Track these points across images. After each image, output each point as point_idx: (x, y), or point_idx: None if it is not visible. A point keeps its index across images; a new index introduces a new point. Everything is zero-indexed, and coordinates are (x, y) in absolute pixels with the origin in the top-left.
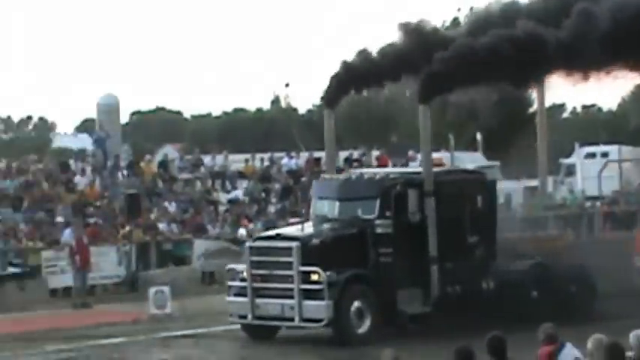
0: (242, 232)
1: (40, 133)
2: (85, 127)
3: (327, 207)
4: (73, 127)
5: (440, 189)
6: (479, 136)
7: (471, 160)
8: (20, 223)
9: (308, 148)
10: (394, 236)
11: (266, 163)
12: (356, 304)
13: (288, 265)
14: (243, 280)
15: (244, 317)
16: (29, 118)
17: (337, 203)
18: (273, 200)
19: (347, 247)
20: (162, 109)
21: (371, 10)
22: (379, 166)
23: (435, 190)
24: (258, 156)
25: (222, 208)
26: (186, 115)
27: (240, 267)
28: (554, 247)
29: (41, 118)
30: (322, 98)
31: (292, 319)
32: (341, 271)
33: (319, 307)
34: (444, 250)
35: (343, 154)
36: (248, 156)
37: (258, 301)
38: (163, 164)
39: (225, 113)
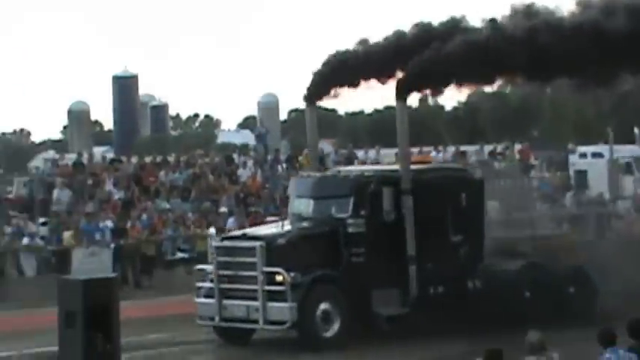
0: (212, 230)
1: (205, 130)
2: (247, 123)
3: (303, 205)
4: (236, 123)
5: (419, 187)
6: (636, 130)
7: (630, 153)
8: (188, 212)
9: (454, 142)
10: (367, 236)
11: None
12: (323, 306)
13: (253, 266)
14: (212, 281)
15: (213, 319)
16: (196, 115)
17: (312, 201)
18: None
19: (316, 247)
20: (319, 107)
21: None
22: (522, 159)
23: (414, 188)
24: None
25: None
26: (340, 112)
27: (209, 267)
28: (555, 246)
29: (207, 116)
30: (304, 96)
31: (257, 322)
32: (307, 272)
33: (283, 310)
34: (424, 249)
35: (488, 148)
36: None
37: (226, 302)
38: (319, 158)
39: (377, 111)
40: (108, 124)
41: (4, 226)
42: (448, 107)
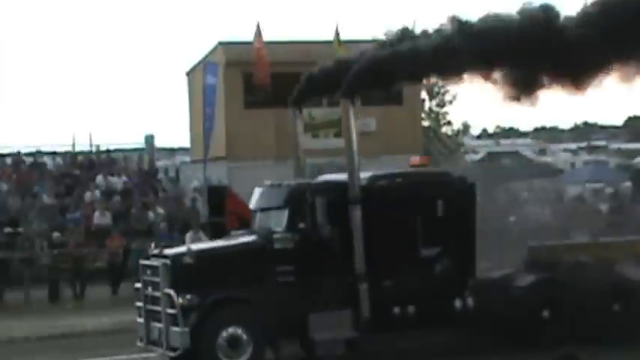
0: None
1: None
2: None
3: (255, 218)
4: None
5: (375, 196)
6: None
7: None
8: None
9: None
10: (299, 252)
11: None
12: (230, 330)
13: (158, 286)
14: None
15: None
16: None
17: (258, 214)
18: None
19: (232, 266)
20: None
21: None
22: None
23: (370, 197)
24: None
25: None
26: None
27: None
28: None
29: None
30: (291, 100)
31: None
32: (210, 294)
33: (175, 334)
34: (380, 265)
35: None
36: None
37: (153, 324)
38: None
39: None
40: None
41: None
42: None
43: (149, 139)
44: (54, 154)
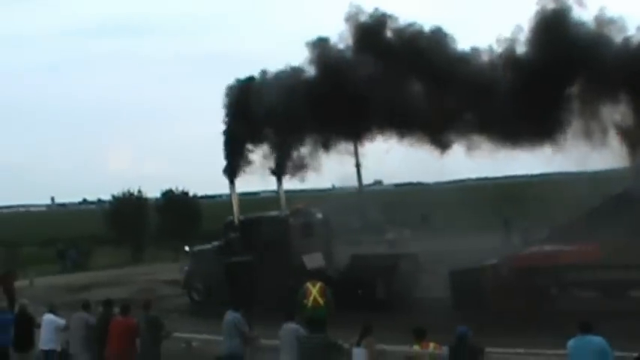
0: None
1: None
2: None
3: None
4: None
5: (250, 229)
6: None
7: None
8: None
9: None
10: (227, 253)
11: None
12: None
13: None
14: None
15: None
16: None
17: None
18: None
19: (209, 257)
20: None
21: None
22: None
23: (249, 230)
24: None
25: None
26: None
27: None
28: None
29: None
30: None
31: None
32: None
33: None
34: (258, 264)
35: None
36: None
37: None
38: None
39: None
40: None
41: None
42: None
43: None
44: None
